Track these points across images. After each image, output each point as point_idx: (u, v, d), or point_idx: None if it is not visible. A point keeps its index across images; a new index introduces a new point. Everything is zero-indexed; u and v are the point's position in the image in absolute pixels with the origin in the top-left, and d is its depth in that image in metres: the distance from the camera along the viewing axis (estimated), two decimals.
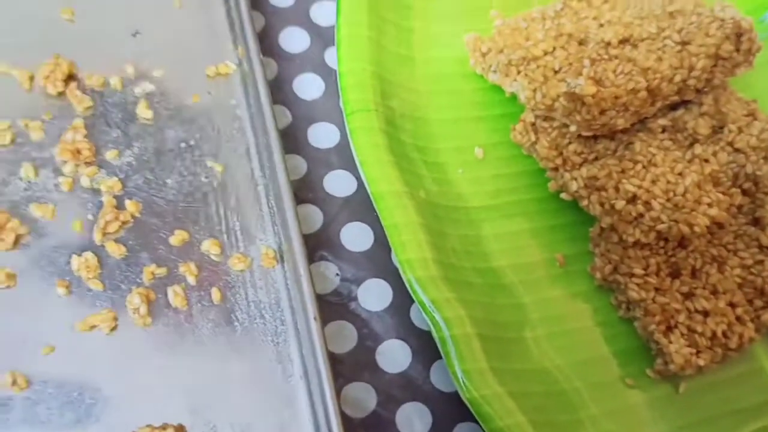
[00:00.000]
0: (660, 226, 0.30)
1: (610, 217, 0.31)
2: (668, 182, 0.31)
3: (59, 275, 0.29)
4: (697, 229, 0.30)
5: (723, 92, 0.34)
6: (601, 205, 0.31)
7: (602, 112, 0.31)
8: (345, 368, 0.31)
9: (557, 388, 0.30)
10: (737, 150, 0.32)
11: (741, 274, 0.32)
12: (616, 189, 0.31)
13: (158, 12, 0.35)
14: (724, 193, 0.31)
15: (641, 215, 0.30)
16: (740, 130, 0.32)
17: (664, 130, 0.33)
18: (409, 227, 0.30)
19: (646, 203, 0.30)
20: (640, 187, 0.31)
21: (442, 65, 0.37)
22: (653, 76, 0.31)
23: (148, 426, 0.27)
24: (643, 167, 0.31)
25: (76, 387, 0.28)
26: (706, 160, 0.32)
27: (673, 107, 0.33)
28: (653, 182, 0.31)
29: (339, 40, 0.33)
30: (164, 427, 0.27)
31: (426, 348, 0.31)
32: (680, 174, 0.31)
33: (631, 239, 0.31)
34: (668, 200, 0.30)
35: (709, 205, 0.30)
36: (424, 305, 0.29)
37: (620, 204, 0.31)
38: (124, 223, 0.31)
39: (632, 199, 0.31)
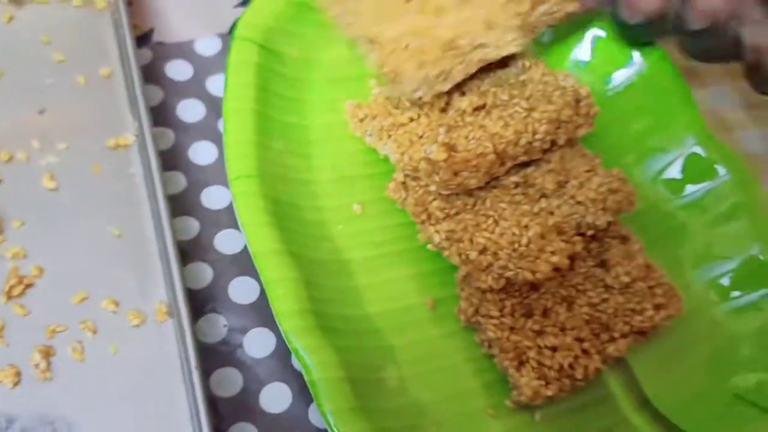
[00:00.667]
0: (507, 273, 0.34)
1: (467, 266, 0.35)
2: (514, 234, 0.35)
3: None
4: (539, 275, 0.34)
5: (569, 150, 0.38)
6: (459, 255, 0.35)
7: (456, 173, 0.35)
8: (231, 410, 0.34)
9: (418, 422, 0.33)
10: (579, 202, 0.36)
11: (588, 311, 0.36)
12: (471, 241, 0.35)
13: (64, 90, 0.39)
14: (567, 242, 0.35)
15: (491, 264, 0.34)
16: (581, 185, 0.36)
17: (516, 186, 0.37)
18: (286, 282, 0.33)
19: (494, 253, 0.34)
20: (489, 239, 0.35)
21: (331, 130, 0.41)
22: (500, 140, 0.35)
23: None
24: (494, 221, 0.35)
25: None
26: (552, 213, 0.36)
27: (526, 164, 0.37)
28: (501, 235, 0.35)
29: (226, 113, 0.37)
30: None
31: (305, 390, 0.34)
32: (525, 226, 0.35)
33: (484, 285, 0.34)
34: (514, 250, 0.34)
35: (552, 252, 0.34)
36: (297, 351, 0.32)
37: (473, 255, 0.35)
38: (27, 286, 0.34)
39: (483, 250, 0.35)
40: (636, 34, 0.41)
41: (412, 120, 0.38)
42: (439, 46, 0.36)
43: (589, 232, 0.36)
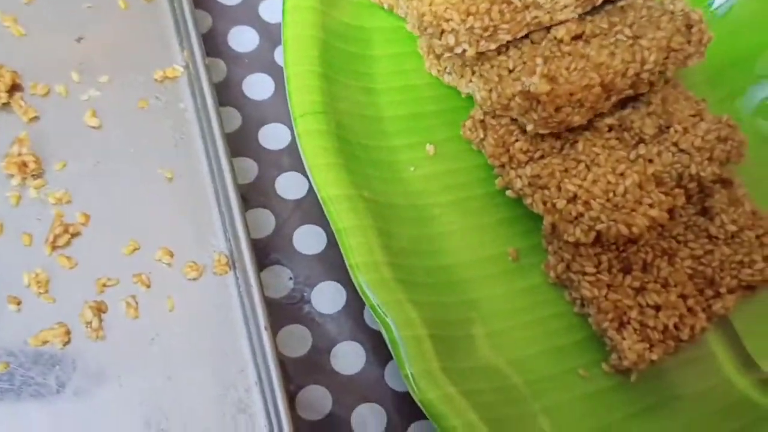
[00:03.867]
0: (599, 226, 0.30)
1: (552, 216, 0.31)
2: (608, 182, 0.31)
3: (9, 291, 0.29)
4: (635, 230, 0.30)
5: (672, 91, 0.34)
6: (544, 203, 0.32)
7: (557, 109, 0.31)
8: (300, 372, 0.31)
9: (509, 382, 0.30)
10: (682, 150, 0.32)
11: (691, 265, 0.32)
12: (558, 188, 0.31)
13: (102, 15, 0.35)
14: (666, 194, 0.31)
15: (581, 215, 0.31)
16: (685, 131, 0.32)
17: (611, 129, 0.33)
18: (359, 230, 0.30)
19: (586, 203, 0.31)
20: (580, 186, 0.31)
21: (399, 61, 0.37)
22: (606, 71, 0.31)
23: None
24: (586, 167, 0.32)
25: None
26: (650, 160, 0.32)
27: (623, 105, 0.33)
28: (594, 182, 0.31)
29: (285, 42, 0.33)
30: None
31: (379, 349, 0.31)
32: (621, 174, 0.31)
33: (571, 239, 0.31)
34: (608, 200, 0.31)
35: (650, 205, 0.31)
36: (375, 308, 0.29)
37: (561, 203, 0.31)
38: (73, 235, 0.31)
39: (572, 199, 0.31)
40: None
41: (500, 53, 0.33)
42: None
43: (690, 185, 0.32)
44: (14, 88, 0.33)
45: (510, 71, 0.33)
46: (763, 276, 0.32)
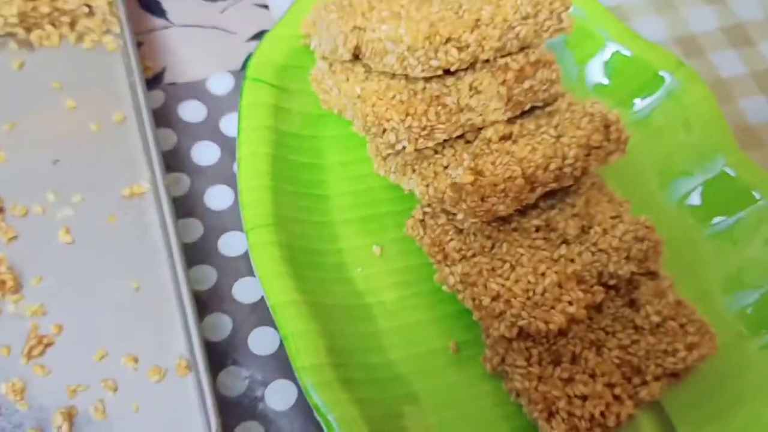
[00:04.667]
0: (520, 322, 0.33)
1: (479, 312, 0.34)
2: (529, 282, 0.33)
3: None
4: (552, 326, 0.33)
5: (596, 193, 0.36)
6: (473, 300, 0.34)
7: (483, 199, 0.34)
8: None
9: None
10: (601, 250, 0.35)
11: (619, 354, 0.34)
12: (485, 286, 0.34)
13: (76, 138, 0.39)
14: (586, 291, 0.34)
15: (504, 312, 0.33)
16: (605, 232, 0.35)
17: (538, 230, 0.36)
18: (305, 335, 0.33)
19: (507, 301, 0.33)
20: (503, 285, 0.34)
21: (348, 168, 0.40)
22: (528, 164, 0.34)
23: None
24: (510, 266, 0.34)
25: None
26: (572, 260, 0.34)
27: (550, 207, 0.36)
28: (516, 281, 0.34)
29: (239, 159, 0.36)
30: None
31: None
32: (542, 274, 0.34)
33: (496, 333, 0.33)
34: (528, 299, 0.33)
35: (569, 302, 0.33)
36: (318, 407, 0.31)
37: (486, 301, 0.34)
38: (47, 345, 0.34)
39: (496, 297, 0.34)
40: None
41: (436, 152, 0.36)
42: (424, 100, 0.35)
43: (611, 281, 0.35)
44: None
45: (445, 168, 0.36)
46: (685, 363, 0.34)
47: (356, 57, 0.37)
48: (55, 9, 0.40)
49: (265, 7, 0.45)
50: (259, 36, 0.44)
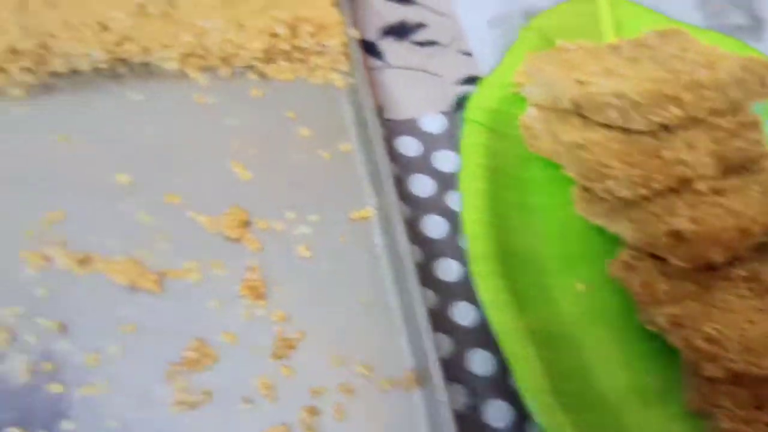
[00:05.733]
0: (734, 365, 0.35)
1: (692, 354, 0.37)
2: (742, 328, 0.36)
3: (242, 392, 0.36)
4: (766, 372, 0.35)
5: None
6: (684, 341, 0.37)
7: (700, 246, 0.37)
8: None
9: None
10: None
11: None
12: (698, 329, 0.37)
13: (311, 165, 0.43)
14: None
15: (718, 355, 0.36)
16: None
17: (744, 280, 0.38)
18: (529, 359, 0.36)
19: (721, 345, 0.36)
20: (717, 330, 0.36)
21: (555, 208, 0.43)
22: (742, 217, 0.37)
23: None
24: (721, 312, 0.37)
25: None
26: None
27: (754, 258, 0.39)
28: (727, 326, 0.36)
29: (462, 193, 0.40)
30: None
31: None
32: (752, 321, 0.36)
33: (706, 375, 0.36)
34: (740, 344, 0.36)
35: None
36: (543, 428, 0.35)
37: (701, 343, 0.36)
38: (291, 348, 0.38)
39: (710, 340, 0.36)
40: None
41: (647, 200, 0.40)
42: (645, 152, 0.38)
43: None
44: (244, 224, 0.41)
45: (656, 215, 0.39)
46: None
47: (575, 107, 0.41)
48: (294, 47, 0.44)
49: (469, 54, 0.49)
50: (467, 81, 0.48)
